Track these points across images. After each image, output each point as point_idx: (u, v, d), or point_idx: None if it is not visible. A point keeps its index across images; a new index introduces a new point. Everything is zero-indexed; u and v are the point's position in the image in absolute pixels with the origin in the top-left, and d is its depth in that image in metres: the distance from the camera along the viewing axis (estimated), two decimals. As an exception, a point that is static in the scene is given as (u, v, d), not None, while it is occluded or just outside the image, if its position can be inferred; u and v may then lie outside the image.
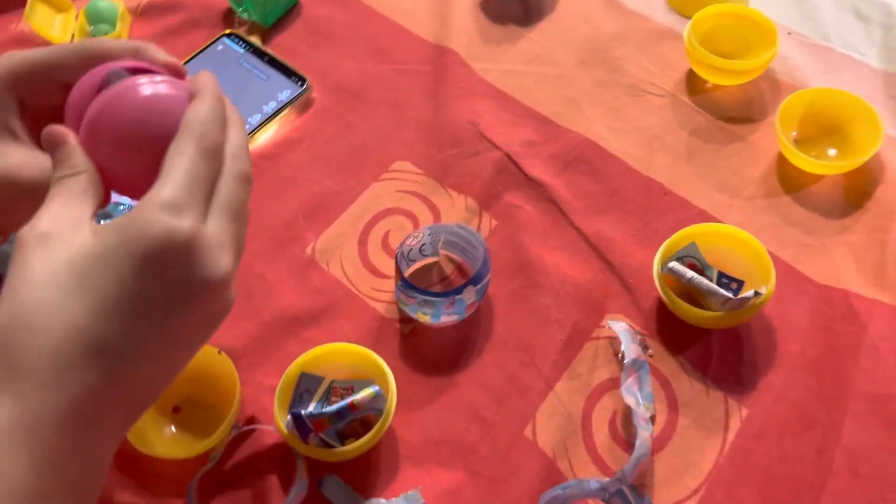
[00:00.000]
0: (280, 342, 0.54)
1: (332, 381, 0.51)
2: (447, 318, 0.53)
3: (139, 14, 0.74)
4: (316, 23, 0.73)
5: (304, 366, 0.50)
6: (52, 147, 0.35)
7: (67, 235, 0.32)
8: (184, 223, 0.32)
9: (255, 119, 0.65)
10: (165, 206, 0.32)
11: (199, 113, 0.35)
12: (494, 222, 0.59)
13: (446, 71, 0.69)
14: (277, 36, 0.72)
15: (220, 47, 0.69)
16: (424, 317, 0.52)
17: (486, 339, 0.54)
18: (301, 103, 0.66)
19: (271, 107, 0.65)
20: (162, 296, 0.32)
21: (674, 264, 0.51)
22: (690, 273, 0.51)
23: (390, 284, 0.57)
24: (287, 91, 0.66)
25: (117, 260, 0.31)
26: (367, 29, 0.73)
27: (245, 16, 0.72)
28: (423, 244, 0.56)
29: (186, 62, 0.68)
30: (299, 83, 0.66)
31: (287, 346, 0.54)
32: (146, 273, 0.31)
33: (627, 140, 0.64)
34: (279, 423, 0.47)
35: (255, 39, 0.70)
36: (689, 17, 0.71)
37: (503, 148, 0.63)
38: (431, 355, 0.54)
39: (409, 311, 0.53)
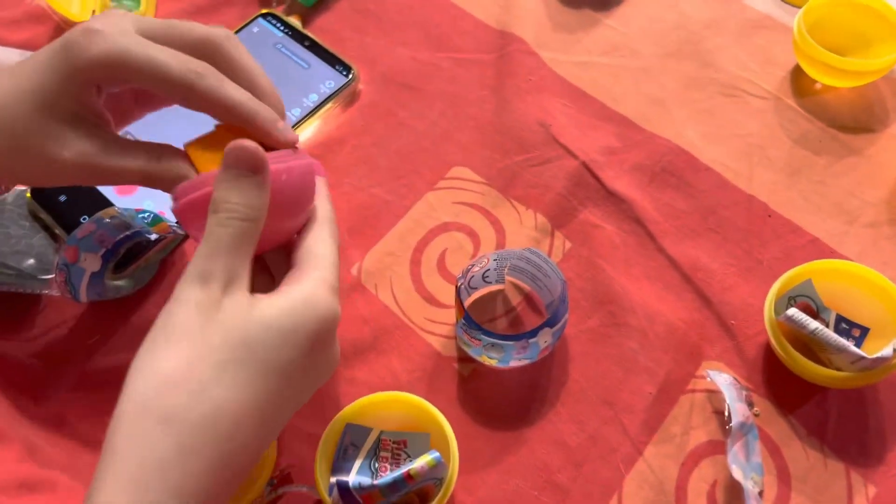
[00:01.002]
0: (321, 381, 0.47)
1: (382, 433, 0.43)
2: (517, 362, 0.45)
3: None
4: (363, 2, 0.64)
5: (349, 417, 0.43)
6: (242, 167, 0.33)
7: (243, 307, 0.32)
8: (338, 305, 0.34)
9: (295, 113, 0.57)
10: (333, 290, 0.34)
11: (328, 209, 0.38)
12: (569, 244, 0.51)
13: (511, 61, 0.60)
14: (319, 17, 0.63)
15: (255, 29, 0.61)
16: (490, 360, 0.45)
17: (560, 386, 0.46)
18: (346, 96, 0.58)
19: (313, 99, 0.57)
20: (314, 369, 0.35)
21: (793, 312, 0.43)
22: (814, 324, 0.42)
23: (448, 315, 0.49)
24: (331, 82, 0.58)
25: (296, 338, 0.33)
26: (420, 11, 0.64)
27: (284, -7, 0.63)
28: (487, 270, 0.48)
29: None
30: (345, 73, 0.58)
31: (328, 386, 0.47)
32: (314, 349, 0.33)
33: (723, 149, 0.55)
34: (322, 490, 0.40)
35: (294, 21, 0.62)
36: (793, 4, 0.61)
37: (579, 155, 0.54)
38: (495, 403, 0.46)
39: (472, 352, 0.45)
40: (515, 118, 0.57)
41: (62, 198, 0.51)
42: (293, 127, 0.56)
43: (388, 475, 0.39)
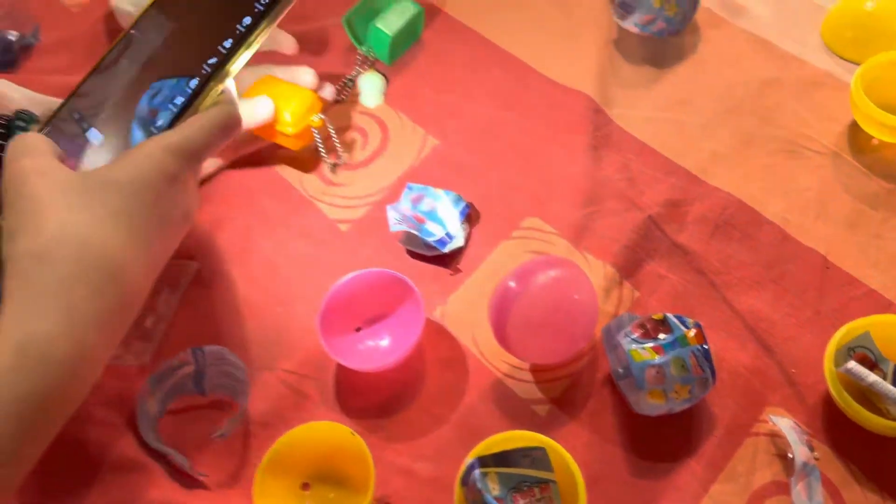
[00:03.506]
0: (410, 418, 0.52)
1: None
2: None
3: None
4: (438, 61, 0.69)
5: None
6: None
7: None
8: (165, 157, 0.42)
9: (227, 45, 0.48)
10: (161, 146, 0.42)
11: (235, 107, 0.46)
12: (636, 293, 0.55)
13: (579, 117, 0.64)
14: (400, 75, 0.69)
15: None
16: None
17: (633, 426, 0.50)
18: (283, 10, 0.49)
19: (246, 23, 0.47)
20: (156, 206, 0.42)
21: (852, 365, 0.46)
22: (872, 377, 0.46)
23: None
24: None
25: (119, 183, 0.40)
26: (491, 69, 0.69)
27: (368, 53, 0.69)
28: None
29: None
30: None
31: (418, 423, 0.51)
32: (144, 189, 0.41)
33: (783, 203, 0.58)
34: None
35: (379, 78, 0.67)
36: (849, 60, 0.65)
37: (645, 209, 0.58)
38: (570, 445, 0.50)
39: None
40: (584, 172, 0.61)
41: None
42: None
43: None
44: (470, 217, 0.60)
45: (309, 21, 0.72)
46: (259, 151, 0.64)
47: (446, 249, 0.57)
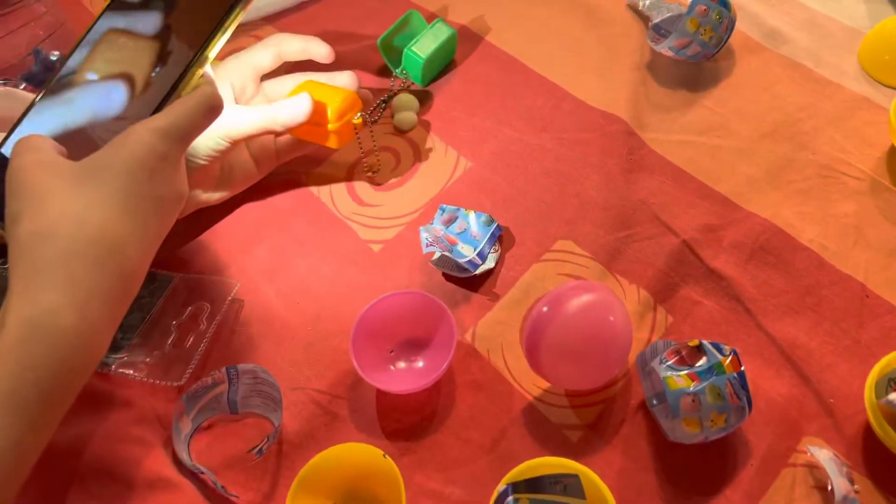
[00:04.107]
0: (441, 441, 0.51)
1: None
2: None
3: (291, 68, 0.73)
4: (472, 84, 0.70)
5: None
6: None
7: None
8: (151, 137, 0.43)
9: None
10: (149, 129, 0.43)
11: (215, 89, 0.47)
12: (671, 318, 0.55)
13: (613, 140, 0.64)
14: (433, 97, 0.69)
15: None
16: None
17: (667, 455, 0.49)
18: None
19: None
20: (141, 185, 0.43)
21: (894, 397, 0.45)
22: (916, 409, 0.45)
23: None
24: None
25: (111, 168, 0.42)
26: (525, 91, 0.69)
27: (401, 75, 0.69)
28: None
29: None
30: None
31: (449, 447, 0.51)
32: (133, 171, 0.42)
33: (820, 229, 0.57)
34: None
35: (413, 100, 0.68)
36: (887, 85, 0.64)
37: (679, 233, 0.58)
38: (600, 470, 0.49)
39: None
40: (618, 195, 0.61)
41: None
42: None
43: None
44: (502, 239, 0.60)
45: (344, 43, 0.73)
46: (294, 171, 0.65)
47: (477, 271, 0.57)
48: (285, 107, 0.56)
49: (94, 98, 0.49)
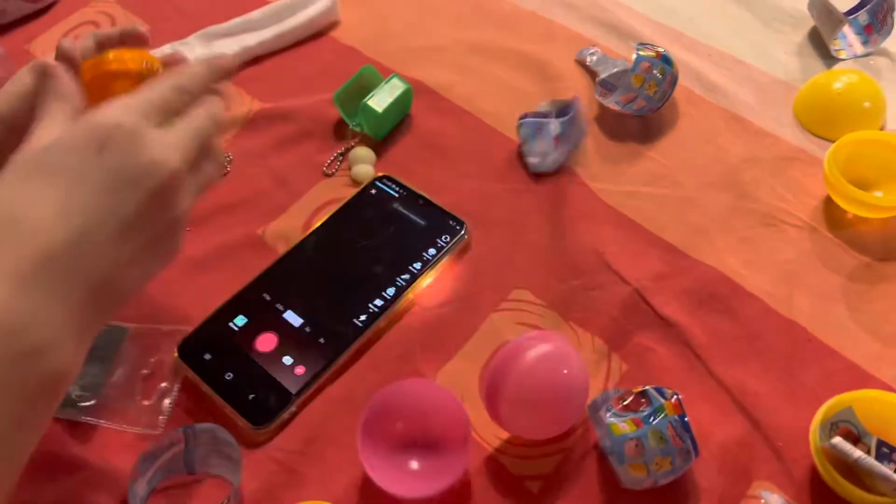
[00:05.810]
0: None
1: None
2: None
3: (248, 123, 0.74)
4: (427, 137, 0.72)
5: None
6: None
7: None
8: (132, 118, 0.40)
9: (417, 267, 0.61)
10: (126, 107, 0.41)
11: (190, 67, 0.46)
12: (625, 366, 0.56)
13: (565, 191, 0.66)
14: (389, 150, 0.71)
15: (373, 191, 0.67)
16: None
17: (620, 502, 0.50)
18: (461, 247, 0.63)
19: (431, 253, 0.62)
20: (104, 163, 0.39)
21: (837, 441, 0.47)
22: (858, 453, 0.46)
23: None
24: (446, 236, 0.63)
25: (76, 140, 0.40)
26: (479, 144, 0.71)
27: (357, 129, 0.71)
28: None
29: (341, 208, 0.66)
30: (458, 226, 0.63)
31: (409, 501, 0.51)
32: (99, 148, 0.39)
33: (764, 276, 0.60)
34: None
35: (368, 153, 0.69)
36: (821, 137, 0.67)
37: (631, 282, 0.60)
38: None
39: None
40: (570, 245, 0.63)
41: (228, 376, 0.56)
42: (416, 277, 0.61)
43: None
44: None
45: (301, 96, 0.74)
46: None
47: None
48: None
49: None
